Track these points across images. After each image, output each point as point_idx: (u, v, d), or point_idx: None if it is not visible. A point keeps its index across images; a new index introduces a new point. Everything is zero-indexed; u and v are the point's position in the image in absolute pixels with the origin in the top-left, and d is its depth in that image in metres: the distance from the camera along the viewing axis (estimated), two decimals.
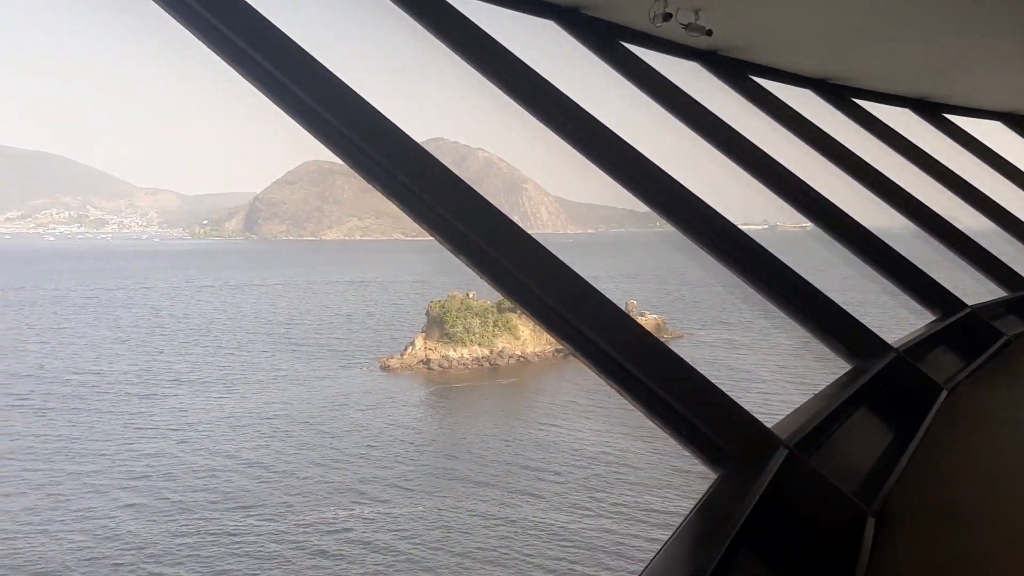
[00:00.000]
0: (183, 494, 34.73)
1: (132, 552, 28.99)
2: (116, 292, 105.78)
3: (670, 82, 5.59)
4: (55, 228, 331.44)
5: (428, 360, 62.95)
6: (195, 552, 29.06)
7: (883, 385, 3.52)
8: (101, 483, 35.94)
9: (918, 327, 4.99)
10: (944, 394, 3.80)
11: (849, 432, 2.89)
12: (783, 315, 3.83)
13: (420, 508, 32.88)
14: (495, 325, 65.16)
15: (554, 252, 2.62)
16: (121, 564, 28.08)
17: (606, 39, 5.64)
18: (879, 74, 8.43)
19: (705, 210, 3.93)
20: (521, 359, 63.96)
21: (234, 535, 30.30)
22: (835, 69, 8.12)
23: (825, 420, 2.65)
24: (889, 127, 8.16)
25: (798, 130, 6.74)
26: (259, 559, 28.47)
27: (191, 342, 70.49)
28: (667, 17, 5.56)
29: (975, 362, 4.66)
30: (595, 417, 44.09)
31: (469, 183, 2.80)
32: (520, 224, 2.79)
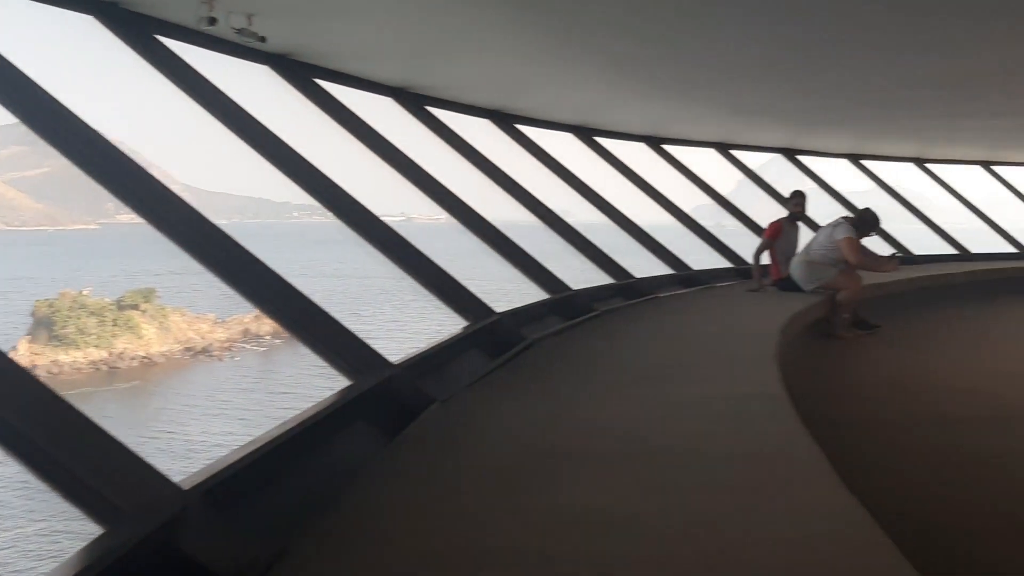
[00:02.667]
0: None
1: None
2: None
3: (207, 80, 5.40)
4: None
5: (34, 367, 56.53)
6: None
7: (366, 405, 3.61)
8: None
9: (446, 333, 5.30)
10: (436, 406, 4.01)
11: (286, 462, 2.94)
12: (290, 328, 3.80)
13: None
14: (115, 324, 60.02)
15: None
16: None
17: (147, 37, 5.31)
18: (457, 85, 8.93)
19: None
20: (145, 360, 59.53)
21: None
22: (412, 79, 8.43)
23: (260, 457, 2.65)
24: (456, 134, 8.68)
25: (356, 132, 6.90)
26: None
27: None
28: (212, 21, 5.35)
29: (484, 370, 4.98)
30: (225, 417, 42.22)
31: None
32: None
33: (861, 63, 8.10)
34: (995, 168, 17.31)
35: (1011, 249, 16.58)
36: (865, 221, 9.12)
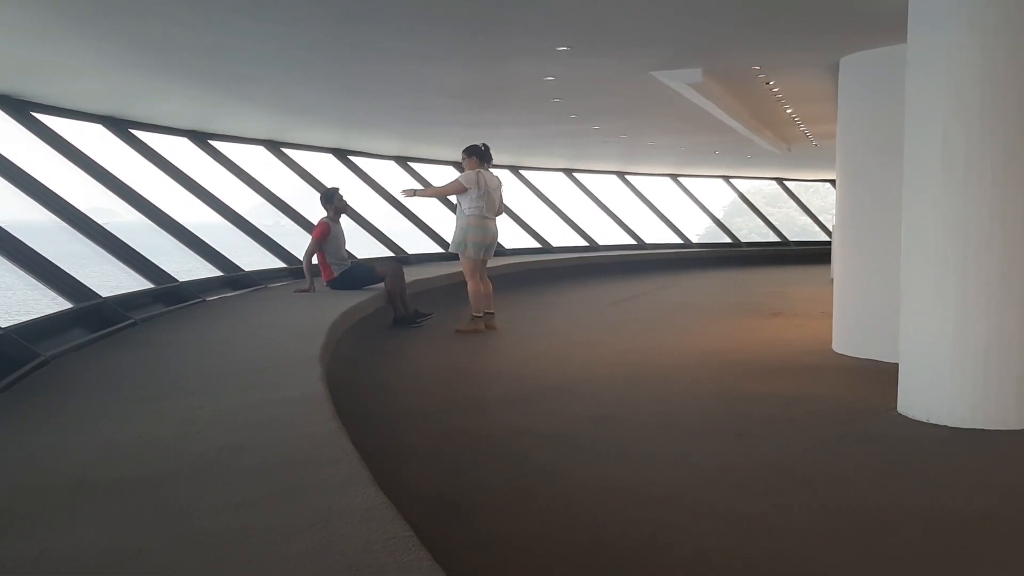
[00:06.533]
0: None
1: None
2: None
3: None
4: None
5: None
6: None
7: None
8: None
9: None
10: None
11: None
12: None
13: None
14: None
15: None
16: None
17: None
18: None
19: None
20: None
21: None
22: None
23: None
24: None
25: None
26: None
27: None
28: None
29: None
30: None
31: None
32: None
33: (395, 71, 8.41)
34: (574, 175, 19.33)
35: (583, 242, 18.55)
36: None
